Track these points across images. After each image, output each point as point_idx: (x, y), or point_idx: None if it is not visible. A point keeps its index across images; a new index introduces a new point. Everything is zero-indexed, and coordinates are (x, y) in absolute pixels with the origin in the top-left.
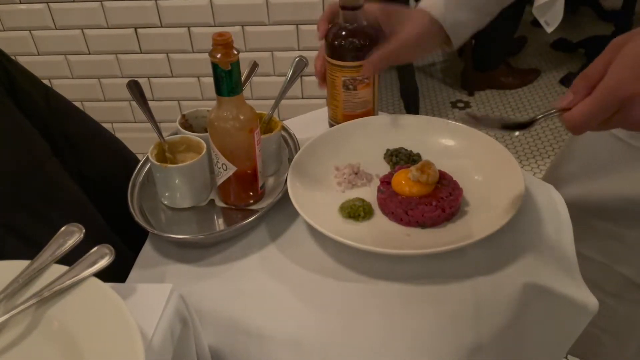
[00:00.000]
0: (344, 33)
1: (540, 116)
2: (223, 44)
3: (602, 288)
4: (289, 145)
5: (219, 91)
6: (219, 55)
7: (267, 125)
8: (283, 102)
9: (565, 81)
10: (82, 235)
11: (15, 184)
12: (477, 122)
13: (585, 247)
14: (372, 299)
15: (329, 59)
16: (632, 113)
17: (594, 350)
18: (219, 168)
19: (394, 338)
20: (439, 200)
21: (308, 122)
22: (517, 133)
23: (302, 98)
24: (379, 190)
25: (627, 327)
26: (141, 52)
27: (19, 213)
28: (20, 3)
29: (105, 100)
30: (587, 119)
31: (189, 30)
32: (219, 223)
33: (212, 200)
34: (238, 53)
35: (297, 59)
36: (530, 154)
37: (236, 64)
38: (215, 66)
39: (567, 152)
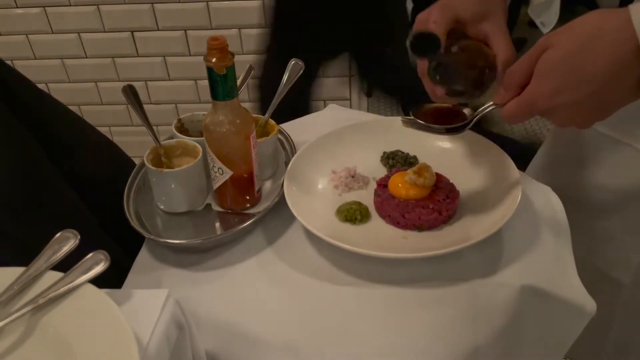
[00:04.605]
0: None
1: (479, 111)
2: (218, 48)
3: None
4: (286, 148)
5: (214, 95)
6: (214, 60)
7: (264, 128)
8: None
9: None
10: (77, 242)
11: (10, 189)
12: (422, 127)
13: None
14: (369, 303)
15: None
16: (555, 119)
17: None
18: (215, 172)
19: (391, 342)
20: (436, 203)
21: (305, 125)
22: (462, 133)
23: None
24: (375, 193)
25: (602, 324)
26: (138, 56)
27: (13, 218)
28: (17, 7)
29: (102, 104)
30: (516, 117)
31: (185, 33)
32: (216, 227)
33: (209, 205)
34: (233, 57)
35: (292, 63)
36: None
37: (231, 68)
38: (210, 70)
39: (545, 144)
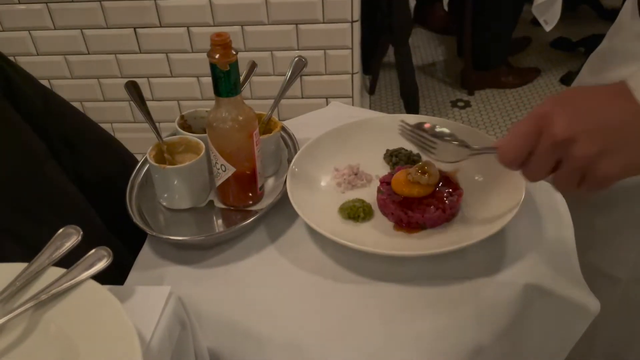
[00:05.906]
0: None
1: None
2: (221, 44)
3: None
4: (289, 145)
5: (217, 92)
6: (217, 56)
7: (266, 125)
8: (283, 101)
9: (566, 80)
10: (79, 238)
11: (13, 186)
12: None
13: None
14: (372, 301)
15: None
16: (573, 154)
17: None
18: (218, 169)
19: (394, 340)
20: (439, 201)
21: (308, 123)
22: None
23: (302, 98)
24: (378, 191)
25: (595, 322)
26: (140, 52)
27: (16, 215)
28: (19, 3)
29: (104, 101)
30: (512, 146)
31: (188, 30)
32: (218, 224)
33: (211, 201)
34: (236, 53)
35: (296, 59)
36: None
37: (234, 65)
38: (213, 67)
39: None
